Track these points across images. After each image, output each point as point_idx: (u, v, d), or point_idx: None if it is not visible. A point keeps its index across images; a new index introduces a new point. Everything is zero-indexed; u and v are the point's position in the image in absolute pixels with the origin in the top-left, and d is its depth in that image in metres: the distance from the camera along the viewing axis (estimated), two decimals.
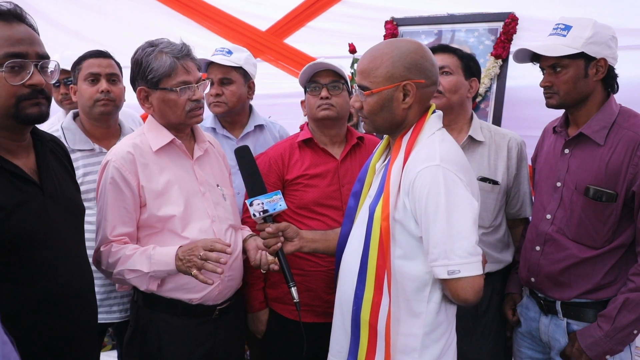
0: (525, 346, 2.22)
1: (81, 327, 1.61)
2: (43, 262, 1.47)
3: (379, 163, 1.80)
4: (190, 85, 1.88)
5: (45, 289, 1.47)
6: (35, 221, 1.46)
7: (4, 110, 1.43)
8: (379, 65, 1.62)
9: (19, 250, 1.41)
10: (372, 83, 1.63)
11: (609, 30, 1.95)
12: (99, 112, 2.30)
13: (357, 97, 1.68)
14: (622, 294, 1.90)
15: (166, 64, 1.85)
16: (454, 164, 1.56)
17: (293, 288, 1.84)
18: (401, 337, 1.60)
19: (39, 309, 1.46)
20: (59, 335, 1.51)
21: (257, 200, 1.83)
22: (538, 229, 2.09)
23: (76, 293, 1.57)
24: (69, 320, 1.54)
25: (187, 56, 1.90)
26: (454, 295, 1.54)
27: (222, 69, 2.55)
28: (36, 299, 1.45)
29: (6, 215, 1.38)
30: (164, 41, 1.90)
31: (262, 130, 2.71)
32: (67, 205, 1.61)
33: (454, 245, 1.50)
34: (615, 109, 1.97)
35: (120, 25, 3.84)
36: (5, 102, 1.42)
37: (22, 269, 1.43)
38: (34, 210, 1.46)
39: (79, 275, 1.61)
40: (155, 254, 1.81)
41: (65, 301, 1.53)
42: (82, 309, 1.61)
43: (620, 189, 1.89)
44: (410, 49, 1.63)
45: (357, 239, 1.70)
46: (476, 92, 2.32)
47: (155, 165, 1.90)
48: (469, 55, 2.31)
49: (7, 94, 1.41)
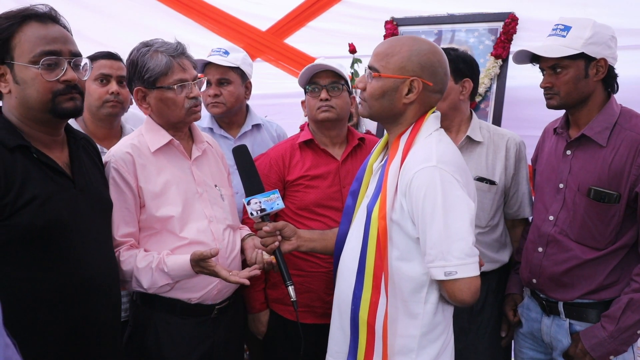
0: (526, 347, 2.21)
1: (105, 317, 1.67)
2: (71, 251, 1.55)
3: (377, 163, 1.79)
4: (187, 82, 1.89)
5: (72, 278, 1.55)
6: (66, 212, 1.54)
7: (42, 105, 1.53)
8: (396, 53, 1.63)
9: (49, 239, 1.50)
10: (383, 67, 1.64)
11: (608, 30, 1.94)
12: (107, 113, 2.31)
13: (363, 78, 1.69)
14: (626, 294, 1.90)
15: (162, 62, 1.85)
16: (451, 165, 1.56)
17: (290, 287, 1.84)
18: (399, 337, 1.60)
19: (64, 297, 1.53)
20: (84, 324, 1.58)
21: (254, 199, 1.83)
22: (540, 230, 2.08)
23: (102, 283, 1.64)
24: (94, 310, 1.61)
25: (183, 54, 1.90)
26: (450, 296, 1.54)
27: (220, 69, 2.54)
28: (63, 287, 1.53)
29: (40, 203, 1.48)
30: (158, 41, 1.91)
31: (259, 130, 2.71)
32: (97, 199, 1.70)
33: (451, 246, 1.50)
34: (616, 110, 1.97)
35: (120, 25, 3.83)
36: (43, 97, 1.53)
37: (50, 257, 1.51)
38: (65, 202, 1.55)
39: (105, 267, 1.68)
40: (170, 270, 1.81)
41: (91, 291, 1.60)
42: (108, 300, 1.68)
43: (623, 190, 1.89)
44: (429, 50, 1.64)
45: (355, 238, 1.70)
46: (471, 91, 2.26)
47: (153, 166, 1.90)
48: (458, 56, 2.24)
49: (44, 89, 1.52)
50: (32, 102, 1.53)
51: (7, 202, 1.43)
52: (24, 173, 1.48)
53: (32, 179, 1.49)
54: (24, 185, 1.46)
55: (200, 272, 1.81)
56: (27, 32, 1.51)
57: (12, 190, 1.44)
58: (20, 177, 1.46)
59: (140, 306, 1.95)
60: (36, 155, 1.52)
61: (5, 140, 1.48)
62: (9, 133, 1.51)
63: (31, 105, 1.53)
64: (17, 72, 1.51)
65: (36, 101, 1.53)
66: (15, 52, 1.51)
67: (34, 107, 1.53)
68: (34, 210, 1.46)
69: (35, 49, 1.51)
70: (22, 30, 1.51)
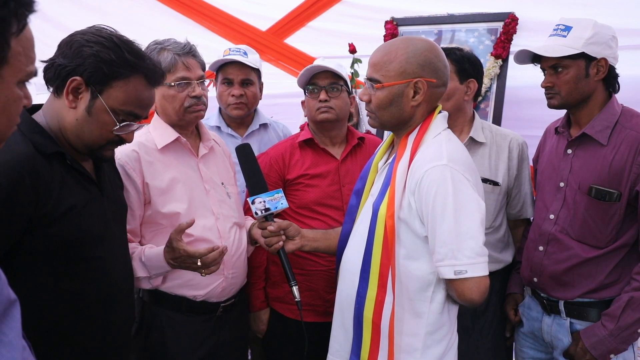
0: (527, 346, 2.22)
1: (124, 320, 1.67)
2: (99, 259, 1.53)
3: (382, 161, 1.79)
4: (189, 81, 1.89)
5: (101, 286, 1.53)
6: (97, 220, 1.53)
7: (92, 144, 1.51)
8: (393, 59, 1.62)
9: (81, 248, 1.47)
10: (384, 77, 1.62)
11: (609, 30, 1.95)
12: None
13: (366, 90, 1.67)
14: (626, 292, 1.91)
15: (167, 59, 1.87)
16: (461, 164, 1.56)
17: (294, 287, 1.84)
18: (404, 336, 1.60)
19: (90, 304, 1.51)
20: (105, 328, 1.57)
21: (259, 199, 1.83)
22: (541, 229, 2.09)
23: (124, 289, 1.64)
24: (117, 314, 1.60)
25: (189, 53, 1.92)
26: (459, 295, 1.53)
27: (244, 70, 2.53)
28: (89, 294, 1.50)
29: (77, 213, 1.45)
30: (170, 40, 1.93)
31: (266, 129, 2.72)
32: (117, 204, 1.69)
33: (462, 245, 1.49)
34: (617, 109, 1.97)
35: (120, 25, 3.77)
36: (98, 141, 1.51)
37: (81, 266, 1.48)
38: (96, 210, 1.53)
39: (126, 271, 1.68)
40: (147, 260, 1.81)
41: (116, 296, 1.59)
42: (128, 304, 1.68)
43: (624, 189, 1.90)
44: (425, 47, 1.63)
45: (360, 237, 1.69)
46: (475, 92, 2.27)
47: (160, 163, 1.91)
48: (463, 56, 2.24)
49: (104, 137, 1.51)
50: (86, 136, 1.49)
51: (46, 212, 1.38)
52: (61, 181, 1.43)
53: (68, 188, 1.45)
54: (61, 195, 1.42)
55: (172, 260, 1.75)
56: (130, 85, 1.49)
57: (51, 199, 1.39)
58: (58, 186, 1.42)
59: (146, 303, 1.95)
60: (70, 162, 1.48)
61: (41, 146, 1.42)
62: (43, 138, 1.45)
63: (82, 137, 1.49)
64: (96, 106, 1.46)
65: (89, 139, 1.49)
66: (109, 91, 1.47)
67: (83, 140, 1.49)
68: (71, 220, 1.43)
69: (125, 106, 1.49)
70: (128, 80, 1.48)
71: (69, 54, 1.44)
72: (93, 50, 1.44)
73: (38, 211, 1.36)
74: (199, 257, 1.72)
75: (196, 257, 1.72)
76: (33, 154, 1.38)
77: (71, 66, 1.43)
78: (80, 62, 1.43)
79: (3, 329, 0.77)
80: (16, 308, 0.81)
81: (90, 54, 1.43)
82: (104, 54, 1.44)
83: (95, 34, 1.47)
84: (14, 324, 0.79)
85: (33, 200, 1.35)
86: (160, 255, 1.78)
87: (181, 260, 1.75)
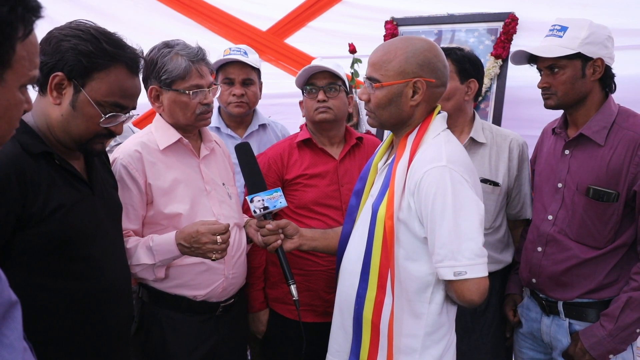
0: (526, 347, 2.22)
1: (122, 321, 1.67)
2: (92, 259, 1.53)
3: (382, 162, 1.80)
4: (202, 89, 1.90)
5: (95, 285, 1.53)
6: (87, 219, 1.52)
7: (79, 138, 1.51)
8: (392, 59, 1.62)
9: (73, 247, 1.48)
10: (383, 76, 1.62)
11: (605, 31, 1.95)
12: None
13: (365, 90, 1.68)
14: (625, 293, 1.91)
15: (181, 66, 1.87)
16: (460, 165, 1.56)
17: (292, 286, 1.84)
18: (403, 337, 1.60)
19: (86, 304, 1.51)
20: (103, 329, 1.56)
21: (257, 197, 1.83)
22: (539, 230, 2.09)
23: (120, 288, 1.64)
24: (114, 314, 1.60)
25: (202, 60, 1.92)
26: (459, 296, 1.53)
27: (245, 69, 2.55)
28: (84, 294, 1.51)
29: (66, 212, 1.45)
30: (180, 43, 1.92)
31: (265, 130, 2.73)
32: (110, 204, 1.69)
33: (461, 246, 1.49)
34: (614, 109, 1.97)
35: (120, 25, 3.78)
36: (85, 135, 1.51)
37: (74, 266, 1.49)
38: (87, 209, 1.53)
39: (122, 271, 1.68)
40: (155, 245, 1.81)
41: (111, 296, 1.59)
42: (125, 303, 1.68)
43: (622, 189, 1.90)
44: (424, 47, 1.63)
45: (359, 237, 1.69)
46: (476, 92, 2.26)
47: (162, 164, 1.92)
48: (464, 56, 2.24)
49: (91, 130, 1.51)
50: (73, 131, 1.49)
51: (34, 211, 1.38)
52: (49, 181, 1.43)
53: (57, 187, 1.45)
54: (49, 194, 1.42)
55: (185, 252, 1.77)
56: (111, 76, 1.48)
57: (39, 198, 1.39)
58: (46, 185, 1.42)
59: (146, 303, 1.96)
60: (59, 162, 1.48)
61: (29, 146, 1.42)
62: (31, 138, 1.44)
63: (70, 132, 1.49)
64: (79, 100, 1.46)
65: (77, 134, 1.49)
66: (90, 84, 1.46)
67: (71, 135, 1.49)
68: (60, 219, 1.43)
69: (110, 97, 1.48)
70: (109, 70, 1.47)
71: (48, 51, 1.43)
72: (71, 43, 1.43)
73: (26, 210, 1.37)
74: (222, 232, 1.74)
75: (217, 232, 1.74)
76: (20, 153, 1.38)
77: (52, 62, 1.43)
78: (60, 57, 1.43)
79: (4, 330, 0.77)
80: (17, 310, 0.81)
81: (68, 47, 1.43)
82: (82, 47, 1.43)
83: (72, 28, 1.47)
84: (15, 325, 0.79)
85: (20, 200, 1.35)
86: (171, 239, 1.79)
87: (196, 239, 1.75)
